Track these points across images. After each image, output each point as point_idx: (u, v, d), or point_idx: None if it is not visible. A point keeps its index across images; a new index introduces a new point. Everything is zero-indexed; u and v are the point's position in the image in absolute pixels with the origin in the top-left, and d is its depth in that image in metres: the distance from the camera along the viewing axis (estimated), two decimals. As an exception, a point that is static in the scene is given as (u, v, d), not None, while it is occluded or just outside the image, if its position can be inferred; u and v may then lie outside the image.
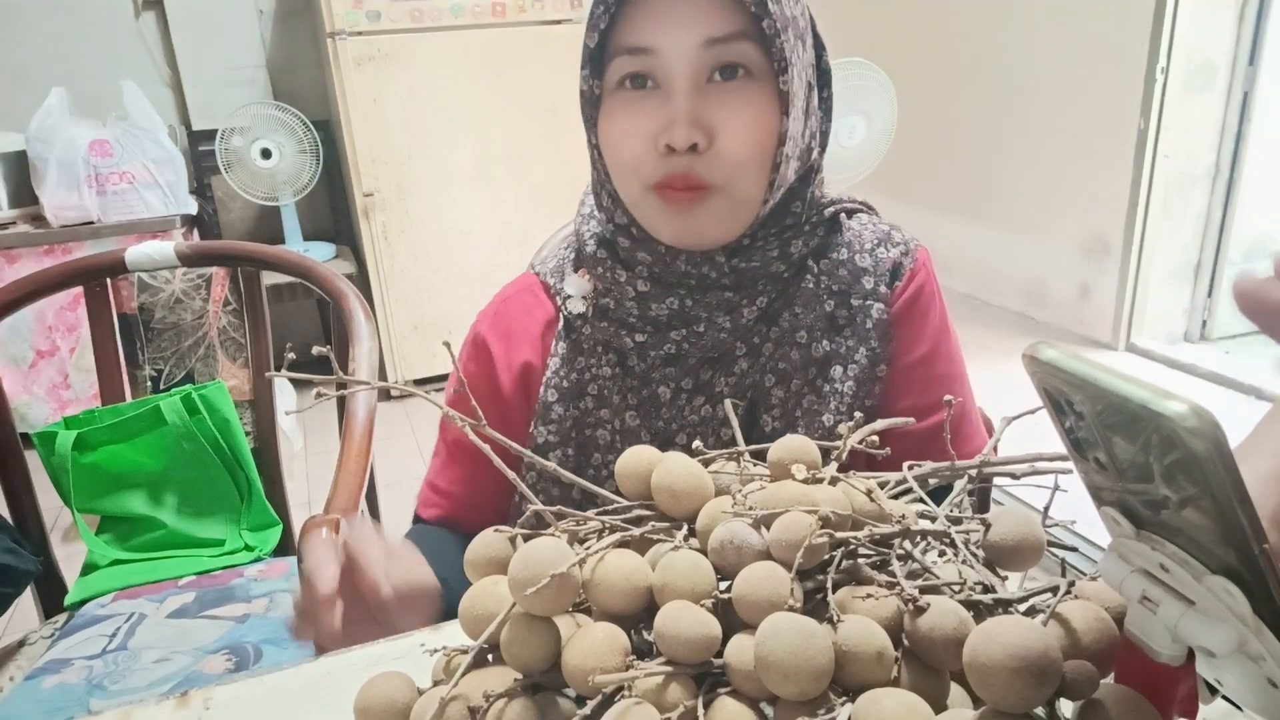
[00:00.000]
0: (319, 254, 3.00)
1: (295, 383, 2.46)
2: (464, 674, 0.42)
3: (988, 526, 0.45)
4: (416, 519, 0.82)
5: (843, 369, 0.72)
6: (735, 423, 0.58)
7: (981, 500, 0.84)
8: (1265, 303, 0.32)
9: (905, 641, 0.41)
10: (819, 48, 0.71)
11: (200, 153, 3.01)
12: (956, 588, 0.42)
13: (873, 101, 2.12)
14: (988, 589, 0.42)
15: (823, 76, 0.71)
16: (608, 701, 0.40)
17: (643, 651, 0.44)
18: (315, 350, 0.51)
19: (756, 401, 0.72)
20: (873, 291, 0.73)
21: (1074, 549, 0.48)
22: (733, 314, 0.70)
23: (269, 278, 1.25)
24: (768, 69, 0.65)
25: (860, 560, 0.45)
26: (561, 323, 0.76)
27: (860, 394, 0.72)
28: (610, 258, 0.73)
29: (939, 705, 0.39)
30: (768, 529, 0.43)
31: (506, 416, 0.77)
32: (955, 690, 0.41)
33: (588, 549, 0.45)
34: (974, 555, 0.45)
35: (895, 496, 0.51)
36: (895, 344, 0.74)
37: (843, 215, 0.76)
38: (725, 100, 0.65)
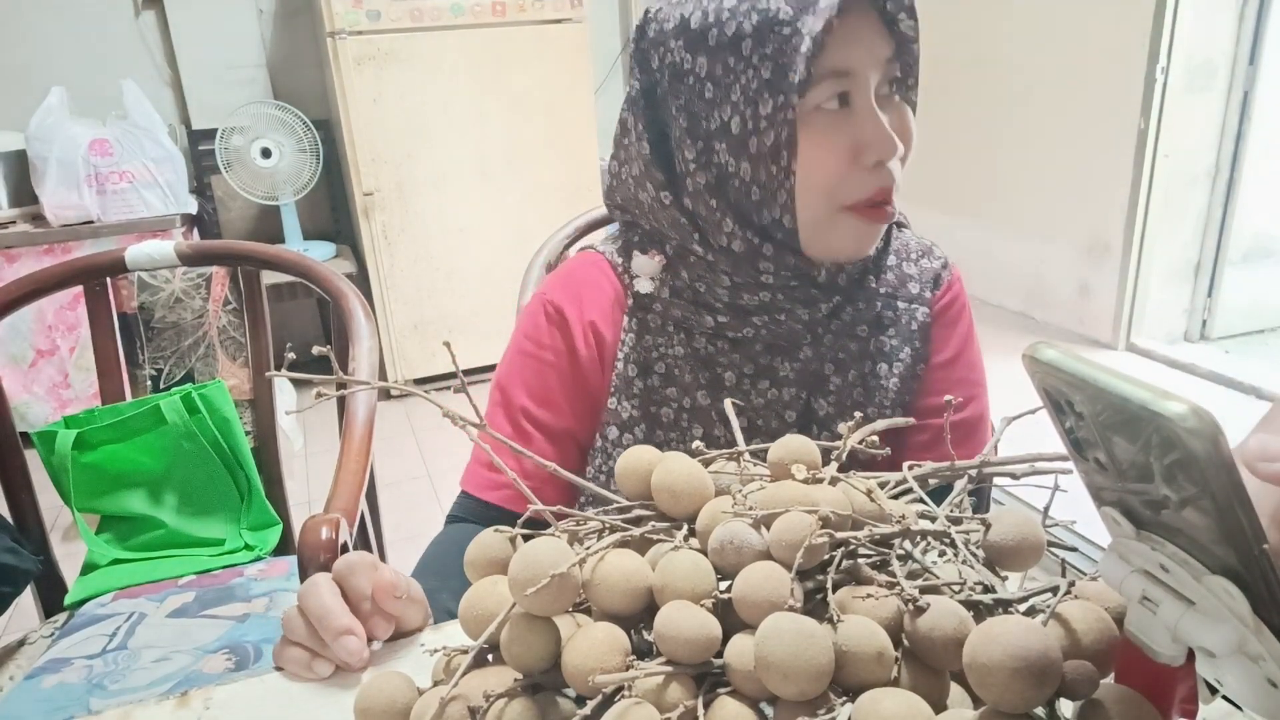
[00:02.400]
0: (319, 253, 3.00)
1: (295, 382, 2.47)
2: (464, 674, 0.42)
3: (988, 526, 0.45)
4: (464, 500, 0.80)
5: (888, 366, 0.78)
6: (735, 423, 0.58)
7: (982, 500, 0.84)
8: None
9: (905, 641, 0.41)
10: None
11: (200, 152, 3.01)
12: (956, 588, 0.42)
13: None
14: (988, 589, 0.42)
15: None
16: (608, 701, 0.40)
17: (643, 651, 0.44)
18: (315, 350, 0.51)
19: (814, 387, 0.76)
20: (918, 296, 0.80)
21: (1074, 549, 0.48)
22: (811, 307, 0.74)
23: (269, 277, 1.25)
24: (902, 83, 0.70)
25: (860, 560, 0.45)
26: (631, 300, 0.77)
27: (903, 390, 0.78)
28: (709, 263, 0.73)
29: (939, 705, 0.39)
30: (768, 529, 0.43)
31: (580, 386, 0.78)
32: (955, 690, 0.41)
33: (588, 549, 0.45)
34: (974, 555, 0.45)
35: (895, 496, 0.51)
36: (933, 346, 0.80)
37: (894, 226, 0.81)
38: (896, 112, 0.69)
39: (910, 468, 0.52)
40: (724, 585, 0.43)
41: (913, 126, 0.70)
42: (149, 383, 1.25)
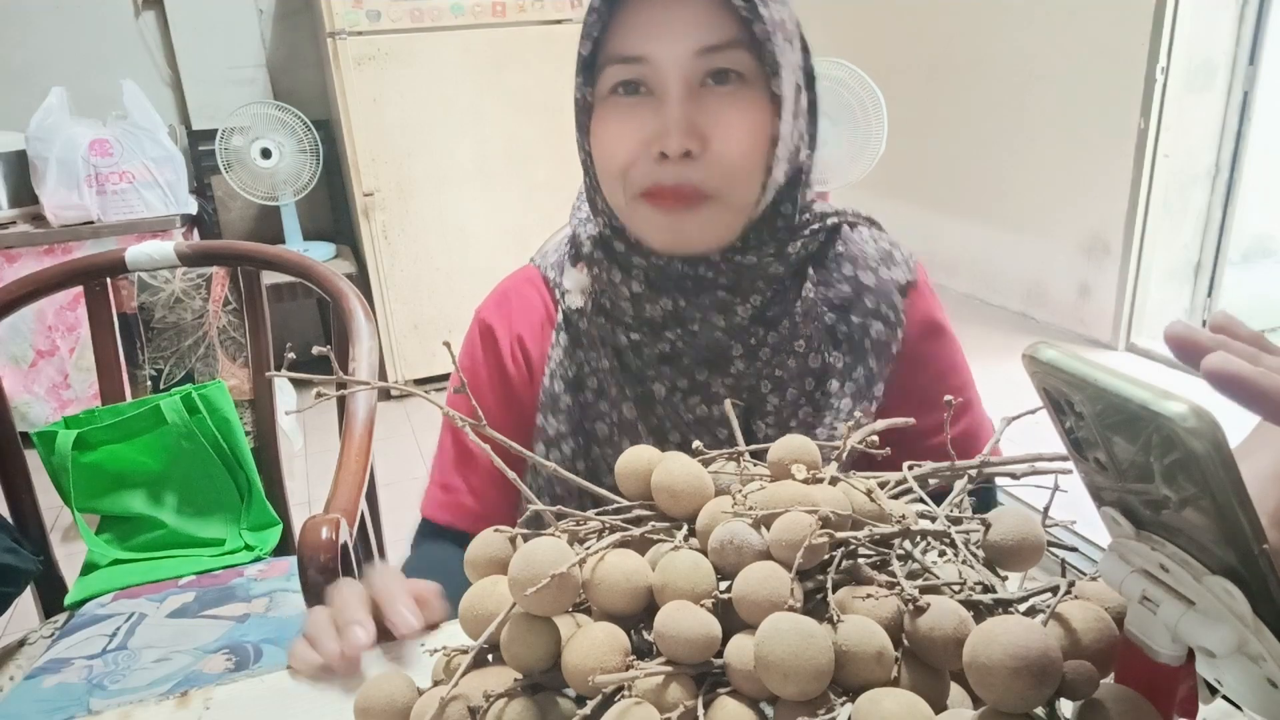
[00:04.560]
0: (319, 254, 3.00)
1: (295, 383, 2.46)
2: (464, 674, 0.42)
3: (988, 526, 0.45)
4: (425, 523, 0.80)
5: (839, 384, 0.72)
6: (735, 422, 0.58)
7: (989, 500, 0.83)
8: (1195, 345, 0.33)
9: (905, 641, 0.41)
10: (805, 49, 0.71)
11: (200, 152, 3.01)
12: (956, 588, 0.42)
13: (841, 104, 2.08)
14: (988, 589, 0.42)
15: (808, 78, 0.71)
16: (608, 701, 0.40)
17: (643, 651, 0.44)
18: (315, 350, 0.51)
19: (752, 407, 0.72)
20: (874, 311, 0.73)
21: (1074, 549, 0.48)
22: (726, 313, 0.70)
23: (269, 277, 1.26)
24: (759, 73, 0.65)
25: (860, 560, 0.45)
26: (561, 316, 0.76)
27: (854, 410, 0.72)
28: (606, 258, 0.73)
29: (939, 705, 0.39)
30: (768, 529, 0.43)
31: (513, 403, 0.78)
32: (955, 690, 0.41)
33: (588, 549, 0.45)
34: (974, 555, 0.45)
35: (895, 496, 0.51)
36: (905, 367, 0.74)
37: (845, 227, 0.76)
38: (719, 106, 0.65)
39: (910, 467, 0.52)
40: (724, 585, 0.43)
41: (737, 118, 0.65)
42: (149, 383, 1.25)
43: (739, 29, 0.64)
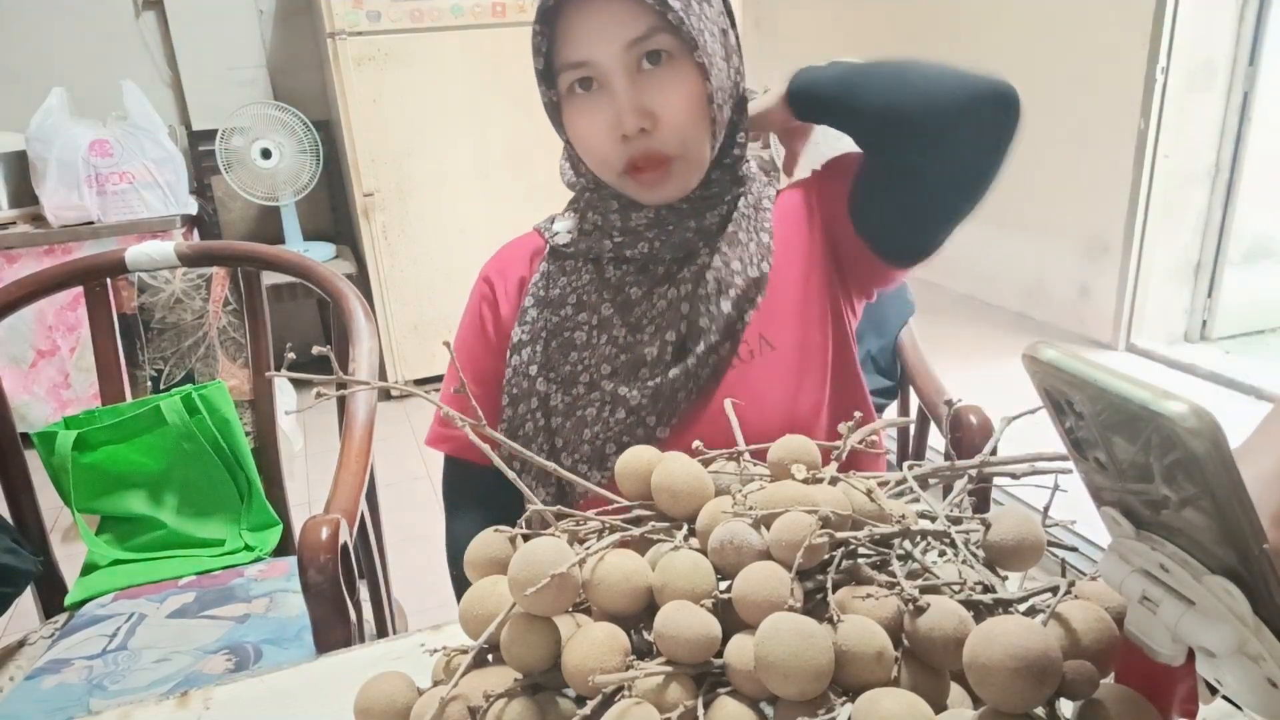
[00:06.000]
0: (319, 254, 3.00)
1: (295, 383, 2.46)
2: (464, 674, 0.42)
3: (988, 526, 0.45)
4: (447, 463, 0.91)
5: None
6: (735, 423, 0.58)
7: (981, 500, 0.84)
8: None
9: (905, 641, 0.41)
10: None
11: (200, 153, 3.01)
12: (956, 588, 0.42)
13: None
14: (988, 589, 0.42)
15: (730, 18, 0.81)
16: (608, 701, 0.40)
17: (643, 651, 0.44)
18: (315, 350, 0.51)
19: (721, 282, 0.82)
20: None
21: (1074, 549, 0.48)
22: (698, 218, 0.82)
23: (269, 278, 1.25)
24: (686, 46, 0.75)
25: (860, 560, 0.45)
26: (548, 249, 0.87)
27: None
28: (597, 191, 0.84)
29: (939, 705, 0.39)
30: (768, 529, 0.43)
31: (504, 345, 0.87)
32: (955, 690, 0.41)
33: (588, 549, 0.45)
34: (974, 555, 0.45)
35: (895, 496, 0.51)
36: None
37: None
38: (658, 84, 0.76)
39: (910, 467, 0.52)
40: (724, 585, 0.43)
41: (675, 91, 0.75)
42: (149, 383, 1.25)
43: (657, 16, 0.73)
